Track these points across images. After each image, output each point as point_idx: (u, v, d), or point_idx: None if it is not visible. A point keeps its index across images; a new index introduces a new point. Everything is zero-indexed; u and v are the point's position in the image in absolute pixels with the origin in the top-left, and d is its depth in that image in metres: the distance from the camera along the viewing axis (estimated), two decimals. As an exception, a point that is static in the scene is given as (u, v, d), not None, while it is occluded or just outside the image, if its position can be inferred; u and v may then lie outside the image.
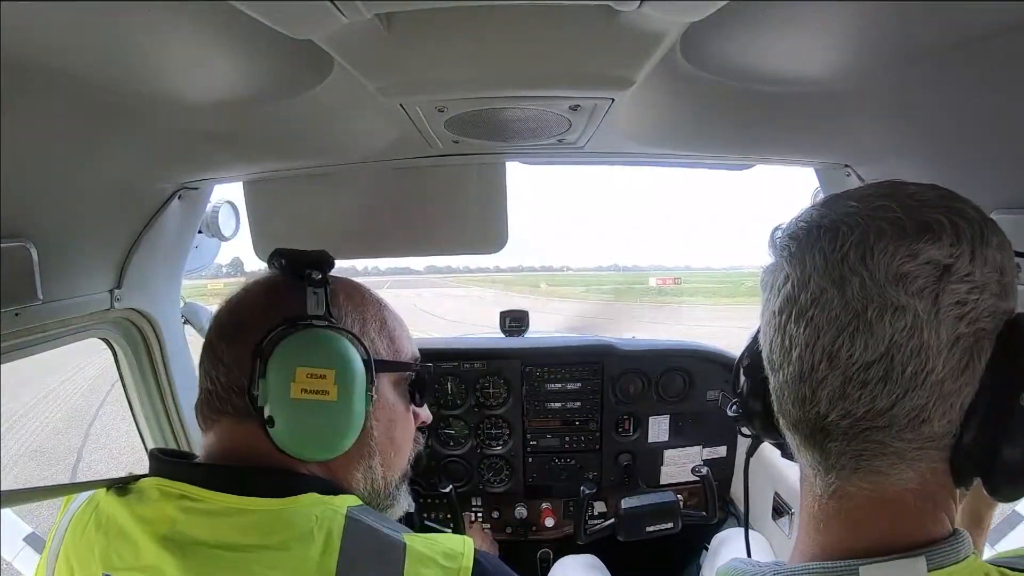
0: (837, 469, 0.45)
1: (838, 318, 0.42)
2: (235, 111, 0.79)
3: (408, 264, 40.90)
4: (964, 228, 0.41)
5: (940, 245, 0.40)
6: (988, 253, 0.41)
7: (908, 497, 0.44)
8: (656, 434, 1.75)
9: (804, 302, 0.44)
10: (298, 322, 0.60)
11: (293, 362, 0.58)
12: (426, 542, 0.57)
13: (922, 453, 0.42)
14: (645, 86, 0.71)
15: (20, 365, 0.93)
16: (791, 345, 0.45)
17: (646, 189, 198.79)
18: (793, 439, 0.48)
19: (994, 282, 0.41)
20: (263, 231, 1.25)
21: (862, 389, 0.42)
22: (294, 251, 0.66)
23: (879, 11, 0.56)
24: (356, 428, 0.61)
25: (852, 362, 0.41)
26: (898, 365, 0.40)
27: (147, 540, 0.53)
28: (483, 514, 1.79)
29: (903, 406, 0.41)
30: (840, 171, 1.09)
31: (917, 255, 0.40)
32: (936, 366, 0.40)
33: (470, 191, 1.21)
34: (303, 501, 0.55)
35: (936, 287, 0.40)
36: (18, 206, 0.76)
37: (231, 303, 0.66)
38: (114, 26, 0.56)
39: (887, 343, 0.40)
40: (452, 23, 0.58)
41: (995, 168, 0.75)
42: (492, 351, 1.75)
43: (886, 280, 0.40)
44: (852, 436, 0.43)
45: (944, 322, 0.40)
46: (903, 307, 0.40)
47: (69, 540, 0.58)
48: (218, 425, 0.61)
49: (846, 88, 0.73)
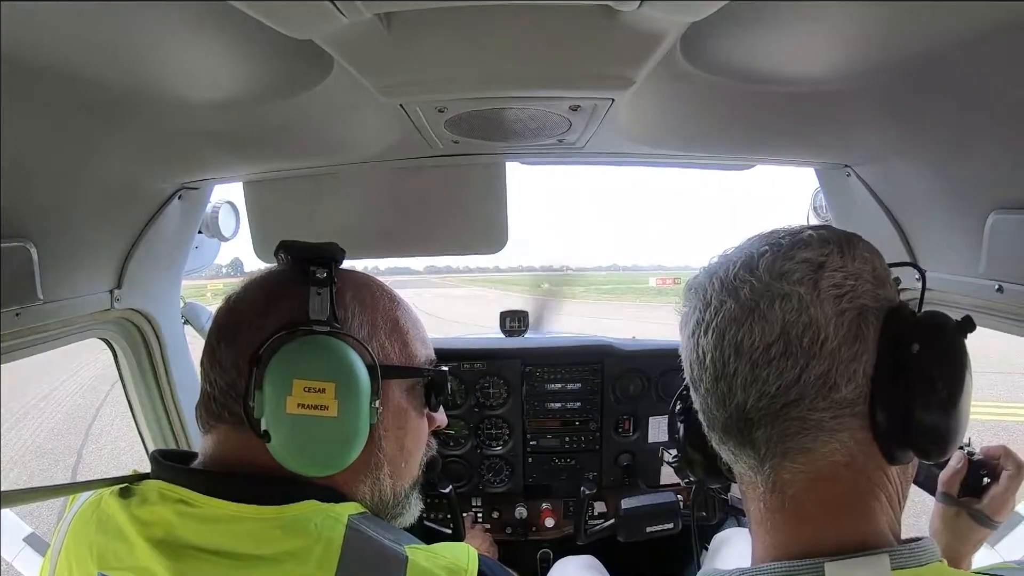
0: (769, 458, 0.49)
1: (736, 318, 0.49)
2: (235, 111, 0.79)
3: (408, 264, 40.86)
4: (830, 238, 0.50)
5: (811, 249, 0.48)
6: (856, 252, 0.49)
7: (840, 471, 0.47)
8: (656, 434, 1.75)
9: (708, 318, 0.51)
10: (299, 327, 0.56)
11: (290, 374, 0.54)
12: (429, 555, 0.54)
13: (839, 423, 0.47)
14: (645, 86, 0.71)
15: (20, 364, 0.93)
16: (703, 354, 0.51)
17: (646, 189, 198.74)
18: (726, 450, 0.53)
19: (867, 272, 0.48)
20: (263, 231, 1.25)
21: (768, 367, 0.47)
22: (299, 244, 0.62)
23: (879, 11, 0.56)
24: (359, 444, 0.57)
25: (755, 347, 0.47)
26: (795, 339, 0.46)
27: (142, 542, 0.52)
28: (483, 514, 1.78)
29: (808, 375, 0.46)
30: (840, 171, 1.09)
31: (793, 257, 0.48)
32: (828, 334, 0.46)
33: (470, 191, 1.21)
34: (302, 509, 0.53)
35: (814, 276, 0.47)
36: (18, 206, 0.76)
37: (230, 302, 0.62)
38: (114, 26, 0.56)
39: (781, 324, 0.47)
40: (452, 23, 0.58)
41: (995, 168, 0.75)
42: (492, 351, 1.75)
43: (770, 279, 0.48)
44: (772, 417, 0.47)
45: (826, 300, 0.47)
46: (788, 294, 0.47)
47: (71, 538, 0.58)
48: (217, 430, 0.59)
49: (846, 88, 0.73)
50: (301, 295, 0.58)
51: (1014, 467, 0.79)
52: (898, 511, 0.50)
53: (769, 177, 13.39)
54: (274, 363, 0.55)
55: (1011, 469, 0.79)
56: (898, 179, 0.97)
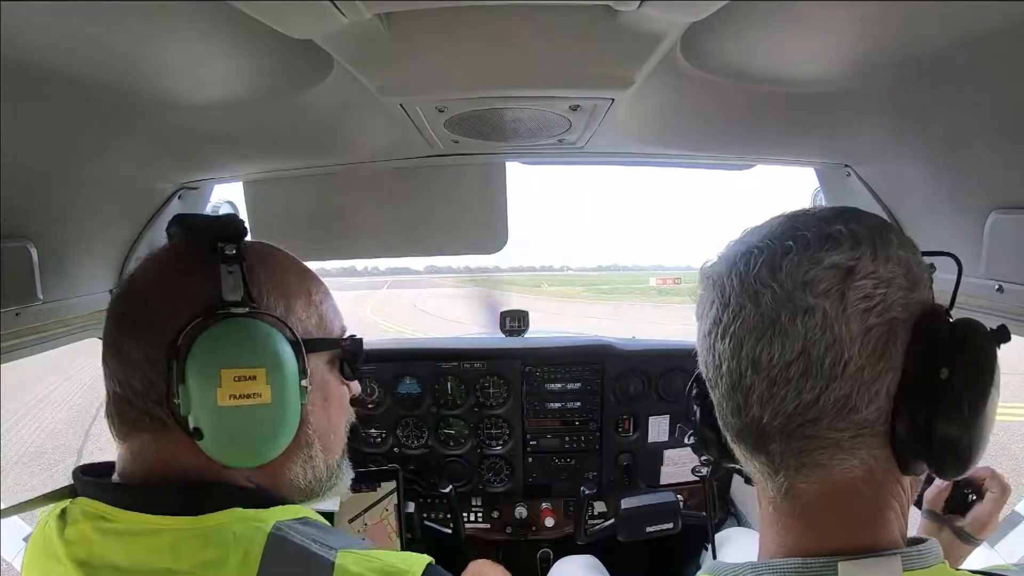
0: (784, 469, 0.47)
1: (756, 328, 0.45)
2: (235, 111, 0.79)
3: (407, 264, 40.87)
4: (862, 234, 0.45)
5: (841, 251, 0.44)
6: (890, 252, 0.45)
7: (859, 486, 0.46)
8: (656, 434, 1.75)
9: (727, 320, 0.48)
10: (216, 311, 0.52)
11: (217, 363, 0.51)
12: (361, 559, 0.51)
13: (858, 441, 0.45)
14: (645, 86, 0.71)
15: (20, 364, 0.93)
16: (720, 361, 0.48)
17: (646, 189, 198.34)
18: (740, 450, 0.51)
19: (900, 276, 0.45)
20: (263, 231, 1.25)
21: (786, 387, 0.44)
22: (200, 218, 0.58)
23: (879, 11, 0.56)
24: (294, 425, 0.55)
25: (773, 364, 0.45)
26: (816, 359, 0.43)
27: (70, 563, 0.49)
28: (483, 514, 1.78)
29: (828, 396, 0.44)
30: (840, 171, 1.09)
31: (821, 262, 0.44)
32: (852, 355, 0.43)
33: (470, 191, 1.21)
34: (222, 518, 0.50)
35: (842, 286, 0.43)
36: (18, 206, 0.76)
37: (129, 287, 0.56)
38: (114, 26, 0.56)
39: (802, 341, 0.44)
40: (452, 23, 0.58)
41: (995, 168, 0.75)
42: (492, 351, 1.76)
43: (794, 287, 0.44)
44: (789, 434, 0.46)
45: (853, 316, 0.43)
46: (812, 308, 0.44)
47: (27, 561, 0.56)
48: (136, 438, 0.54)
49: (846, 88, 0.73)
50: (210, 275, 0.53)
51: (999, 489, 0.80)
52: (907, 515, 0.49)
53: (769, 177, 13.33)
54: (197, 353, 0.51)
55: (996, 491, 0.80)
56: (898, 179, 0.97)
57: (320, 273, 0.66)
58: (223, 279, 0.53)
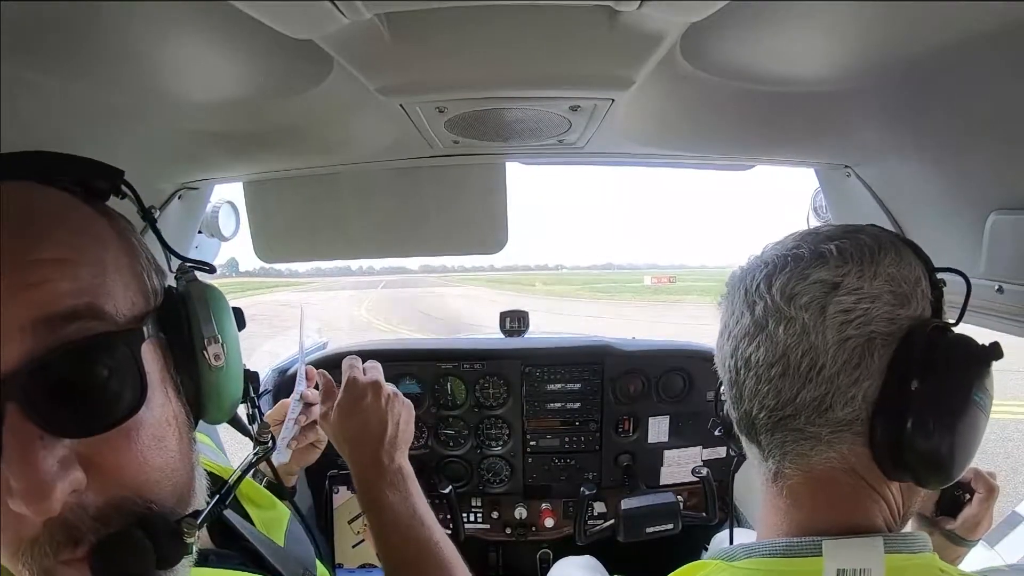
0: (772, 457, 0.54)
1: (748, 332, 0.53)
2: (235, 111, 0.79)
3: (403, 264, 40.86)
4: (851, 252, 0.50)
5: (828, 268, 0.50)
6: (879, 270, 0.49)
7: (839, 476, 0.50)
8: (656, 434, 1.75)
9: (731, 325, 0.55)
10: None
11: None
12: None
13: (837, 436, 0.49)
14: (645, 86, 0.71)
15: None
16: (724, 358, 0.56)
17: (642, 188, 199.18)
18: (742, 438, 0.58)
19: (887, 292, 0.49)
20: (263, 231, 1.25)
21: (769, 384, 0.51)
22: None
23: (879, 11, 0.56)
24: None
25: (759, 364, 0.51)
26: (793, 363, 0.49)
27: None
28: (483, 514, 1.78)
29: (805, 396, 0.49)
30: (840, 171, 1.09)
31: (807, 277, 0.50)
32: (826, 362, 0.48)
33: (470, 192, 1.21)
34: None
35: (824, 300, 0.49)
36: None
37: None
38: (114, 26, 0.55)
39: (783, 347, 0.50)
40: (452, 23, 0.58)
41: (995, 168, 0.75)
42: (492, 351, 1.75)
43: (781, 300, 0.50)
44: (773, 426, 0.52)
45: (830, 328, 0.48)
46: (792, 318, 0.50)
47: None
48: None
49: (846, 88, 0.73)
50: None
51: (985, 490, 0.80)
52: (897, 519, 0.51)
53: (769, 177, 13.35)
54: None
55: (982, 492, 0.80)
56: (898, 179, 0.97)
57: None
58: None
